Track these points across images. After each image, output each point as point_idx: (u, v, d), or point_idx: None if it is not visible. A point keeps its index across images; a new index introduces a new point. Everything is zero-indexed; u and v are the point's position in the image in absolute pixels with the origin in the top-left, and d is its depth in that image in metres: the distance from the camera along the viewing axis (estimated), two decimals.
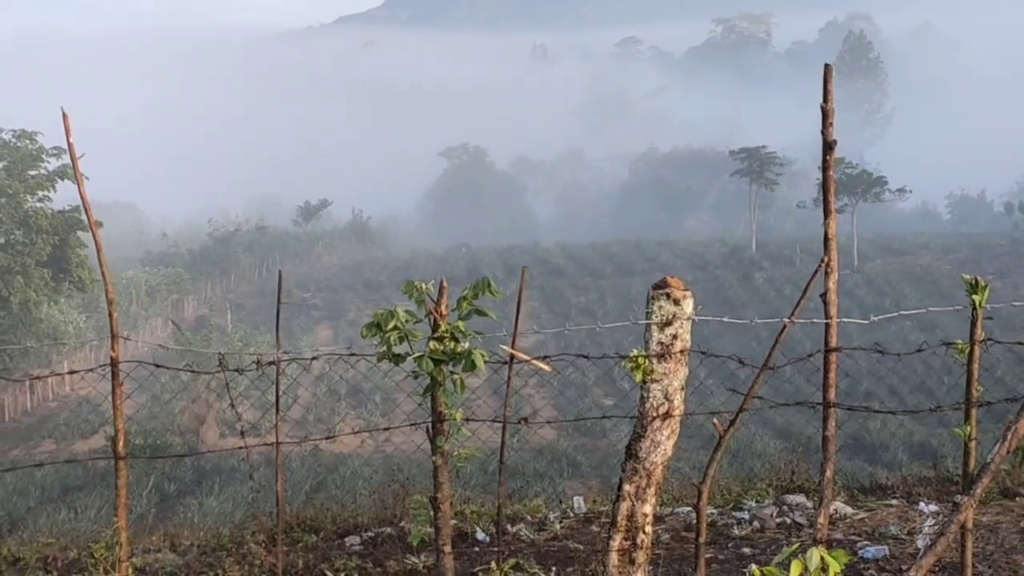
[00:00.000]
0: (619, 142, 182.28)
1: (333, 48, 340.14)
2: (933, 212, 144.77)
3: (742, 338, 65.42)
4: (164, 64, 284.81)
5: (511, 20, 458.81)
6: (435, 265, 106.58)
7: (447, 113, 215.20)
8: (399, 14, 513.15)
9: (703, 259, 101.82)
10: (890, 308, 79.55)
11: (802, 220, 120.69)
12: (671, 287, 6.31)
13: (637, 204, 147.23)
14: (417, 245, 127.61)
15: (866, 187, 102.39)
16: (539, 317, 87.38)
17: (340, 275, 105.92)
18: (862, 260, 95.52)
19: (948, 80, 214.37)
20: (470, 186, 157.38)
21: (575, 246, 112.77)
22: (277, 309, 7.62)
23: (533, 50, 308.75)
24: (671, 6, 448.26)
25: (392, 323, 6.56)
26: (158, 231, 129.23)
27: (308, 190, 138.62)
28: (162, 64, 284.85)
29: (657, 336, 6.18)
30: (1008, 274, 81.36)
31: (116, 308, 6.80)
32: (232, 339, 59.40)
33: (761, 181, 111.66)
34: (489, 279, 6.74)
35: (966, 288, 6.99)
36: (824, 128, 6.55)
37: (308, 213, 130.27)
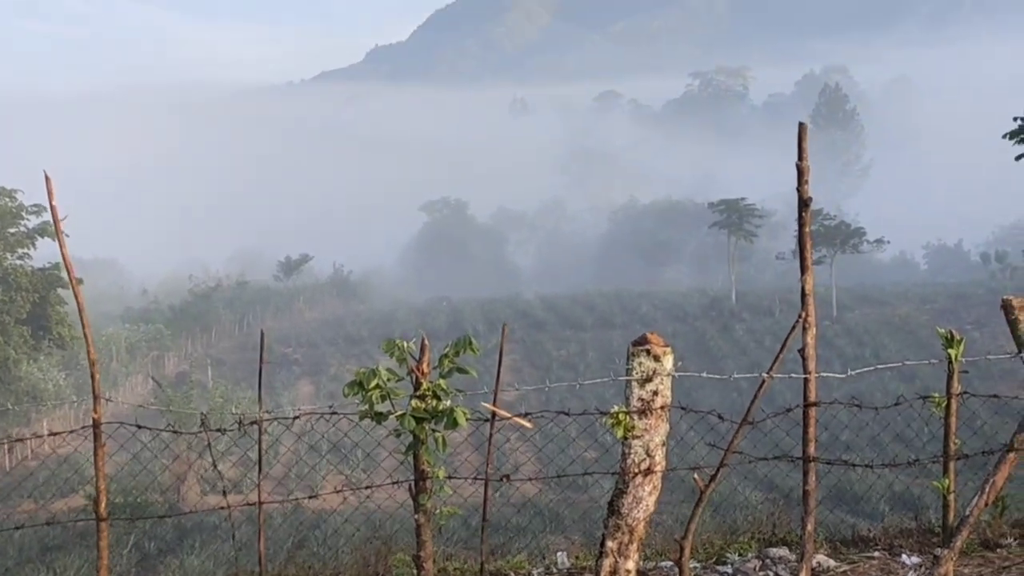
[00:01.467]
0: (599, 194, 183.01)
1: (314, 103, 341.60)
2: (911, 262, 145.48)
3: (724, 389, 65.38)
4: (146, 120, 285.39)
5: (492, 75, 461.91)
6: (416, 319, 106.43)
7: (428, 166, 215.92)
8: (380, 69, 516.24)
9: (683, 310, 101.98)
10: (869, 358, 79.78)
11: (781, 271, 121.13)
12: (651, 343, 6.36)
13: (617, 256, 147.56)
14: (398, 299, 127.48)
15: (844, 238, 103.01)
16: (520, 371, 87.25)
17: (321, 330, 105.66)
18: (841, 310, 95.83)
19: (924, 131, 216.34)
20: (451, 239, 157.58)
21: (556, 298, 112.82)
22: (260, 368, 7.64)
23: (513, 104, 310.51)
24: (649, 60, 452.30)
25: (374, 382, 6.59)
26: (139, 287, 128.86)
27: (289, 244, 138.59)
28: (144, 120, 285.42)
29: (637, 392, 6.23)
30: (986, 324, 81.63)
31: (98, 369, 6.82)
32: (213, 395, 59.10)
33: (740, 233, 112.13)
34: (470, 337, 6.78)
35: (942, 342, 7.06)
36: (799, 185, 6.63)
37: (289, 268, 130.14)
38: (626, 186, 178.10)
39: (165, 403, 55.04)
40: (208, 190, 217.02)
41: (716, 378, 6.99)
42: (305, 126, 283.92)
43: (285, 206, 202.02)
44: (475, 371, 6.95)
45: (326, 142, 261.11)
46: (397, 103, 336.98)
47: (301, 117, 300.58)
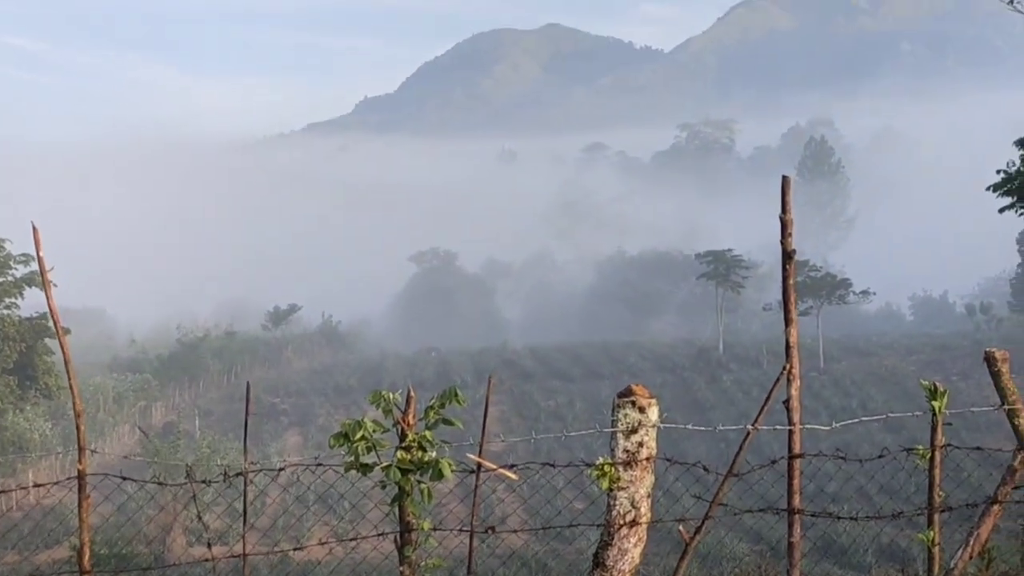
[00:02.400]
0: (587, 245, 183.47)
1: (304, 154, 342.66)
2: (897, 313, 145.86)
3: (711, 440, 65.36)
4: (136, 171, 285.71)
5: (480, 126, 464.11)
6: (404, 369, 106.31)
7: (417, 217, 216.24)
8: (369, 120, 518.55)
9: (671, 361, 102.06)
10: (856, 409, 79.84)
11: (769, 322, 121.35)
12: (636, 395, 6.39)
13: (605, 306, 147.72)
14: (387, 349, 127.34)
15: (830, 289, 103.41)
16: (508, 421, 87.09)
17: (309, 380, 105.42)
18: (828, 361, 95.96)
19: (909, 183, 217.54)
20: (440, 289, 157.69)
21: (544, 349, 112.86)
22: (245, 421, 7.65)
23: (502, 154, 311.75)
24: (637, 112, 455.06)
25: (360, 433, 6.61)
26: (126, 336, 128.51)
27: (278, 294, 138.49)
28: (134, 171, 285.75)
29: (623, 444, 6.25)
30: (971, 375, 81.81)
31: (84, 420, 6.83)
32: (200, 446, 58.85)
33: (727, 284, 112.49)
34: (456, 388, 6.81)
35: (926, 394, 7.11)
36: (783, 238, 6.70)
37: (277, 318, 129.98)
38: (613, 237, 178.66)
39: (152, 453, 54.81)
40: (197, 240, 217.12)
41: (702, 430, 7.02)
42: (294, 177, 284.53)
43: (274, 256, 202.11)
44: (461, 422, 6.97)
45: (315, 192, 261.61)
46: (386, 154, 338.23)
47: (290, 168, 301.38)
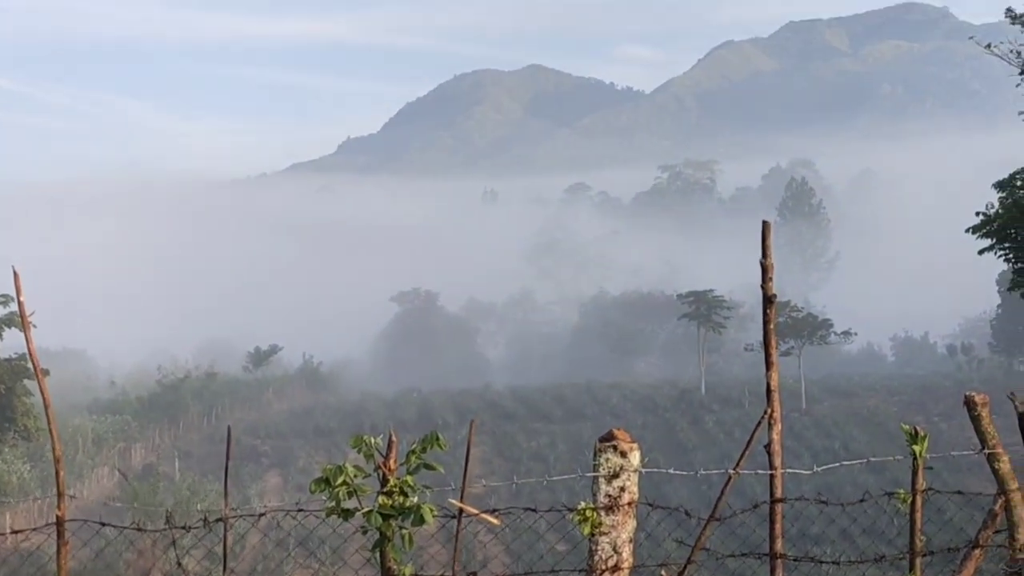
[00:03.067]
0: (569, 285, 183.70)
1: (286, 193, 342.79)
2: (878, 354, 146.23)
3: (693, 482, 65.25)
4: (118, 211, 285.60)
5: (462, 167, 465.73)
6: (386, 410, 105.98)
7: (399, 257, 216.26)
8: (352, 160, 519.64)
9: (653, 402, 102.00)
10: (839, 450, 79.88)
11: (751, 362, 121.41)
12: (618, 439, 6.39)
13: (587, 347, 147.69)
14: (368, 390, 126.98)
15: (812, 330, 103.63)
16: (490, 462, 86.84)
17: (290, 421, 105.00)
18: (810, 402, 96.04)
19: (890, 224, 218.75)
20: (421, 330, 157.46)
21: (526, 389, 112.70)
22: (226, 466, 7.61)
23: (484, 194, 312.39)
24: (618, 153, 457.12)
25: (341, 478, 6.58)
26: (107, 378, 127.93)
27: (259, 335, 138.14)
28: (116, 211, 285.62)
29: (604, 488, 6.25)
30: (953, 416, 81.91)
31: (63, 466, 6.79)
32: (180, 488, 58.52)
33: (709, 324, 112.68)
34: (437, 433, 6.79)
35: (906, 438, 7.12)
36: (764, 283, 6.72)
37: (258, 359, 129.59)
38: (595, 277, 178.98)
39: (131, 496, 54.44)
40: (178, 281, 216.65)
41: (684, 474, 7.02)
42: (277, 217, 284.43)
43: (255, 297, 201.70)
44: (443, 464, 6.95)
45: (297, 233, 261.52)
46: (369, 194, 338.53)
47: (273, 208, 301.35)
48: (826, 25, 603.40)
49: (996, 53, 33.66)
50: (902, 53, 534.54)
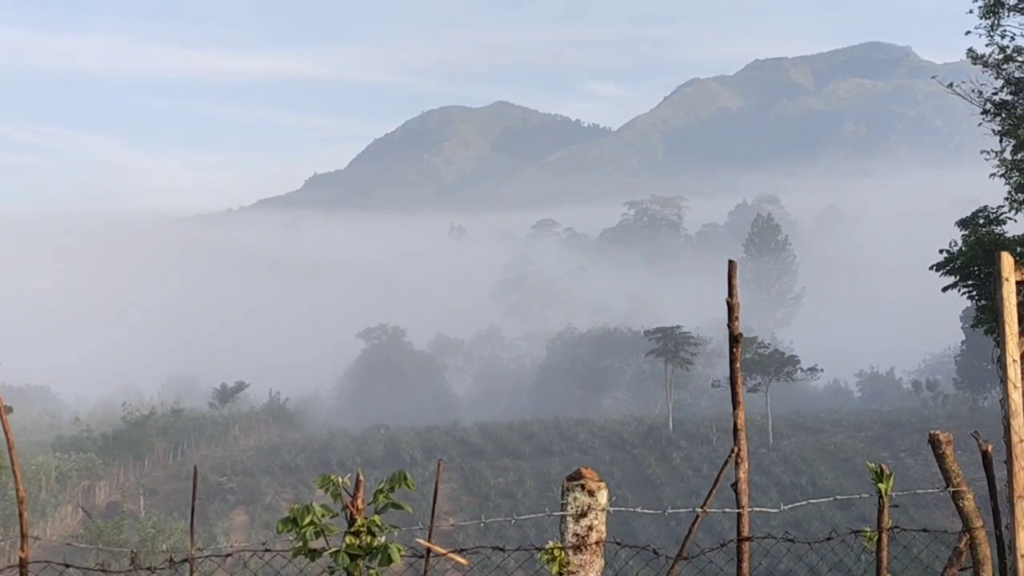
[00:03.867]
0: (536, 321, 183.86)
1: (253, 230, 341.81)
2: (844, 390, 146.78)
3: (662, 518, 65.16)
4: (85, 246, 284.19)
5: (430, 203, 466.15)
6: (353, 447, 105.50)
7: (366, 293, 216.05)
8: (319, 196, 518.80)
9: (621, 438, 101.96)
10: (806, 486, 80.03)
11: (718, 398, 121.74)
12: (586, 478, 6.39)
13: (555, 383, 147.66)
14: (335, 426, 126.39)
15: (778, 366, 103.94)
16: (458, 499, 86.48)
17: (257, 458, 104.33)
18: (777, 438, 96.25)
19: (855, 261, 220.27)
20: (389, 366, 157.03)
21: (494, 426, 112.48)
22: (192, 506, 7.57)
23: (451, 231, 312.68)
24: (585, 189, 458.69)
25: (308, 518, 6.55)
26: (71, 414, 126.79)
27: (226, 371, 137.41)
28: (81, 246, 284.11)
29: (572, 528, 6.25)
30: (919, 451, 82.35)
31: (27, 507, 6.73)
32: (145, 526, 57.88)
33: (676, 360, 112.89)
34: (405, 472, 6.77)
35: (872, 477, 7.16)
36: (730, 321, 6.76)
37: (225, 395, 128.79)
38: (563, 314, 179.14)
39: (95, 534, 53.85)
40: (144, 317, 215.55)
41: (652, 513, 7.02)
42: (243, 253, 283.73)
43: (222, 333, 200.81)
44: (411, 504, 6.93)
45: (265, 269, 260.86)
46: (335, 230, 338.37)
47: (240, 244, 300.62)
48: (791, 63, 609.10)
49: (958, 92, 34.03)
50: (866, 91, 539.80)
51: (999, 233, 32.24)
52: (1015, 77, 33.25)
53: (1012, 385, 8.00)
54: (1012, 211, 32.47)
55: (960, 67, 34.24)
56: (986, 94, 33.55)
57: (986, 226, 32.49)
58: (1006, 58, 33.30)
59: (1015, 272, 8.11)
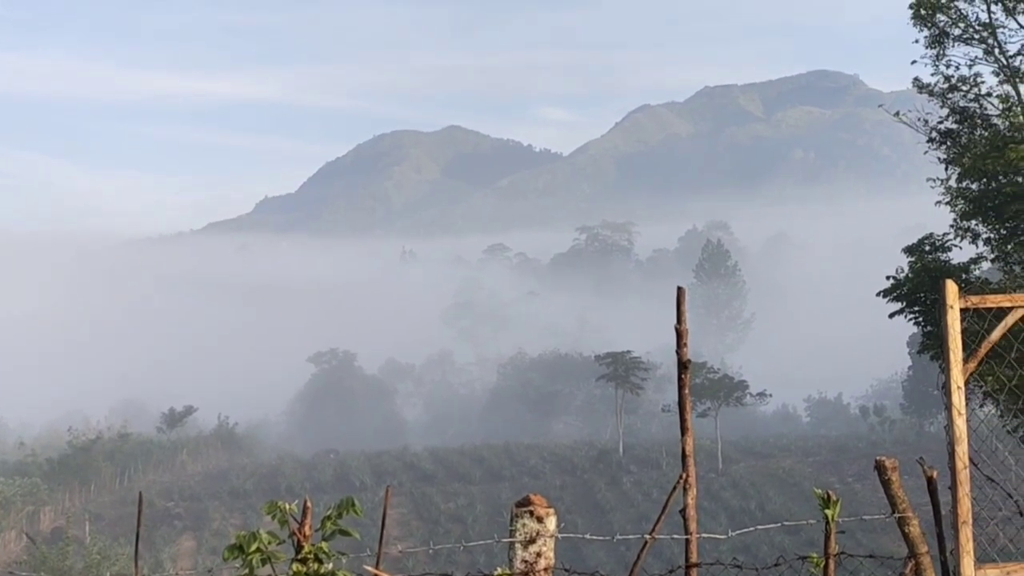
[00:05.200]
0: (487, 346, 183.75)
1: (203, 252, 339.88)
2: (793, 415, 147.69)
3: (612, 543, 65.16)
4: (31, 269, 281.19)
5: (381, 226, 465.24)
6: (302, 472, 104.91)
7: (316, 318, 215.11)
8: (270, 219, 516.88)
9: (571, 463, 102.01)
10: (755, 511, 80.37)
11: (668, 423, 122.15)
12: (534, 505, 6.39)
13: (506, 408, 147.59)
14: (284, 451, 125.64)
15: (728, 391, 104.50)
16: (408, 524, 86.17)
17: (205, 483, 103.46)
18: (727, 463, 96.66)
19: (803, 287, 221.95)
20: (339, 391, 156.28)
21: (444, 451, 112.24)
22: (137, 533, 7.49)
23: (402, 255, 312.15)
24: (537, 214, 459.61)
25: (254, 545, 6.49)
26: (15, 439, 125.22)
27: (174, 396, 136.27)
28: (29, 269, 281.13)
29: (521, 554, 6.24)
30: (866, 476, 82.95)
31: None
32: (90, 552, 57.18)
33: (627, 385, 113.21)
34: (353, 499, 6.74)
35: (819, 503, 7.20)
36: (678, 348, 6.79)
37: (173, 420, 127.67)
38: (514, 338, 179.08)
39: (39, 560, 53.14)
40: (92, 340, 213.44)
41: (600, 539, 7.03)
42: (193, 276, 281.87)
43: (171, 357, 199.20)
44: (360, 529, 6.90)
45: (214, 292, 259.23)
46: (286, 253, 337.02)
47: (189, 267, 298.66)
48: (740, 91, 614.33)
49: (904, 121, 34.46)
50: (814, 119, 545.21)
51: (945, 260, 32.62)
52: (960, 106, 33.71)
53: (956, 412, 8.08)
54: (957, 238, 32.85)
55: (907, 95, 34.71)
56: (932, 123, 33.99)
57: (932, 253, 32.86)
58: (951, 87, 33.78)
59: (959, 300, 8.21)
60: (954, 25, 33.81)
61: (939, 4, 33.53)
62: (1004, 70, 33.50)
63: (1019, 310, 8.52)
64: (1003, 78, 33.56)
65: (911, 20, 34.13)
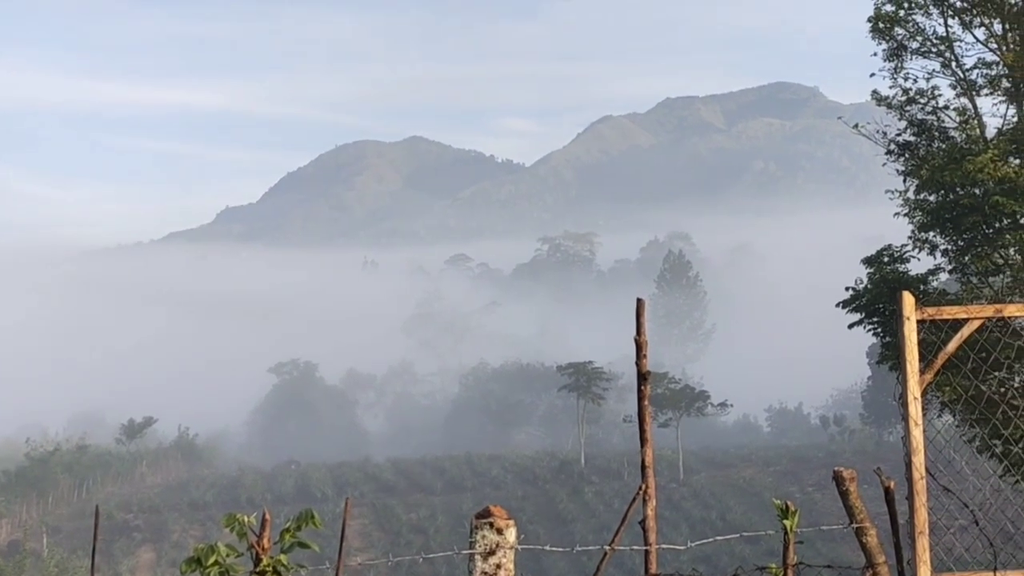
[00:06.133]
0: (449, 356, 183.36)
1: (163, 263, 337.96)
2: (754, 425, 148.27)
3: (573, 554, 65.20)
4: None
5: (343, 237, 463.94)
6: (264, 483, 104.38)
7: (278, 328, 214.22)
8: (231, 230, 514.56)
9: (533, 473, 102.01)
10: (716, 521, 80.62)
11: (629, 433, 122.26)
12: (494, 516, 6.38)
13: (468, 418, 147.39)
14: (245, 462, 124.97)
15: (689, 402, 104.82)
16: (370, 535, 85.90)
17: (164, 495, 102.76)
18: (688, 473, 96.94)
19: (764, 297, 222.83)
20: (300, 401, 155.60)
21: (406, 461, 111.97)
22: (93, 546, 7.43)
23: (364, 265, 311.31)
24: (499, 225, 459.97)
25: (212, 558, 6.45)
26: None
27: (133, 407, 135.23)
28: None
29: (480, 566, 6.23)
30: (826, 486, 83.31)
31: None
32: (47, 565, 56.73)
33: (588, 395, 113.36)
34: (312, 511, 6.71)
35: (777, 513, 7.23)
36: (638, 360, 6.81)
37: (132, 431, 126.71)
38: (476, 349, 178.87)
39: None
40: (51, 351, 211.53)
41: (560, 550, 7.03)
42: (153, 286, 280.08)
43: (131, 367, 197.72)
44: (320, 541, 6.87)
45: (174, 303, 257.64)
46: (247, 264, 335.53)
47: (150, 277, 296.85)
48: (701, 102, 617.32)
49: (863, 133, 34.71)
50: (774, 130, 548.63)
51: (903, 271, 32.85)
52: (918, 119, 33.99)
53: (913, 422, 8.14)
54: (915, 250, 33.10)
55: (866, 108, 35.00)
56: (890, 135, 34.25)
57: (890, 264, 33.09)
58: (909, 100, 34.06)
59: (916, 311, 8.27)
60: (912, 38, 34.10)
61: (897, 18, 33.82)
62: (961, 83, 33.83)
63: (975, 322, 8.61)
64: (960, 91, 33.88)
65: (870, 33, 34.40)
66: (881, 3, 34.02)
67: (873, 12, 34.11)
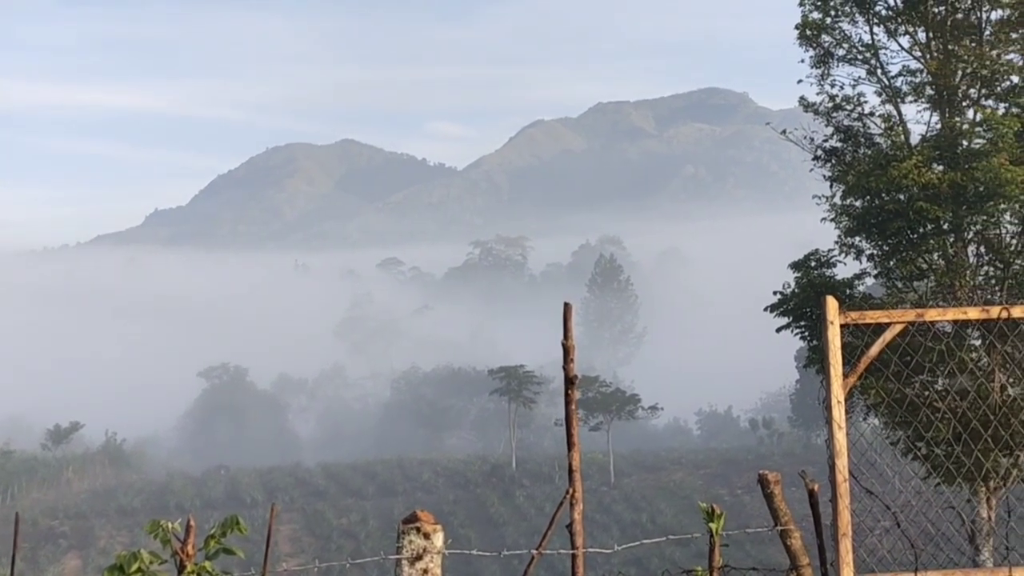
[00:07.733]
0: (380, 360, 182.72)
1: (90, 266, 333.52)
2: (684, 428, 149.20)
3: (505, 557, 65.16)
4: None
5: (273, 240, 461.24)
6: (193, 488, 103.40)
7: (207, 332, 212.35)
8: (160, 233, 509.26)
9: (464, 477, 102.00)
10: (646, 523, 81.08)
11: (561, 437, 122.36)
12: (421, 521, 6.38)
13: (399, 422, 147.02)
14: (174, 468, 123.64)
15: (620, 405, 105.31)
16: (300, 540, 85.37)
17: (91, 501, 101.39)
18: (619, 476, 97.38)
19: (694, 301, 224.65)
20: (230, 406, 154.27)
21: (337, 466, 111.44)
22: (13, 555, 7.33)
23: (295, 268, 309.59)
24: (430, 228, 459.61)
25: (135, 565, 6.39)
26: None
27: (59, 412, 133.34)
28: None
29: (408, 571, 6.23)
30: (755, 489, 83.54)
31: None
32: None
33: (520, 399, 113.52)
34: (237, 517, 6.67)
35: (703, 516, 7.29)
36: (565, 364, 6.83)
37: (58, 436, 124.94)
38: (408, 353, 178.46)
39: None
40: None
41: (489, 555, 7.04)
42: (80, 290, 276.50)
43: (57, 372, 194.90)
44: (248, 545, 6.83)
45: (102, 306, 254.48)
46: (176, 267, 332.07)
47: (76, 281, 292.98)
48: (633, 107, 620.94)
49: (791, 139, 35.07)
50: (704, 135, 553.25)
51: (830, 276, 33.24)
52: (844, 125, 34.38)
53: (837, 425, 8.25)
54: (842, 254, 33.49)
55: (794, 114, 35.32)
56: (817, 141, 34.62)
57: (817, 269, 33.47)
58: (836, 106, 34.45)
59: (839, 315, 8.38)
60: (838, 46, 34.49)
61: (824, 25, 34.20)
62: (886, 90, 34.26)
63: (897, 326, 8.73)
64: (885, 98, 34.31)
65: (797, 40, 34.75)
66: (808, 11, 34.38)
67: (800, 19, 34.48)
